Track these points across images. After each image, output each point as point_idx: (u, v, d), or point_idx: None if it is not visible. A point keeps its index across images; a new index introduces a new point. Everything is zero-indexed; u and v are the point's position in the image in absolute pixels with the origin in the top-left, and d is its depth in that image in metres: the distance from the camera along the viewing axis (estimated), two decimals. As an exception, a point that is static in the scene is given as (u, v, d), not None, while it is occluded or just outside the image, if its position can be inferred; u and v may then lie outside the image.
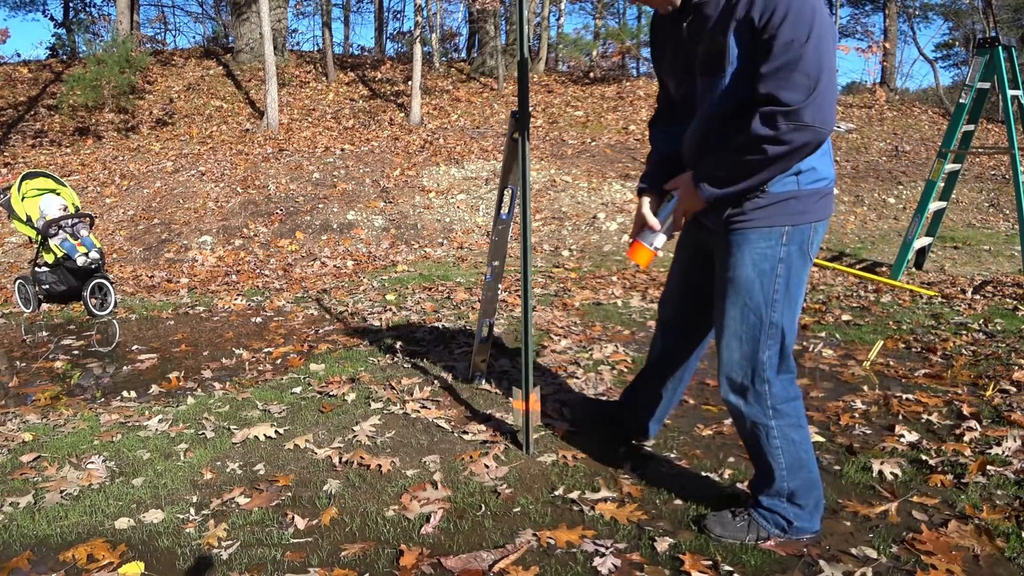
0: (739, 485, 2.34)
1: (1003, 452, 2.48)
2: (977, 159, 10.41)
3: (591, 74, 15.89)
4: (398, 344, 4.04)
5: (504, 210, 2.91)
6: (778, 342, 1.91)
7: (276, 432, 2.82)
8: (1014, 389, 3.13)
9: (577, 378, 3.40)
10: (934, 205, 6.03)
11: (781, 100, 1.65)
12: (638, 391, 2.58)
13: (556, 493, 2.30)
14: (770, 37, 1.65)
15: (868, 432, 2.74)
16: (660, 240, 2.00)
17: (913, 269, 6.23)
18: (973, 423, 2.74)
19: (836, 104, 1.73)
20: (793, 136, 1.66)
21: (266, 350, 4.20)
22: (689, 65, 1.89)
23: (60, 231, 5.38)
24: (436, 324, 4.52)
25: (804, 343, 3.95)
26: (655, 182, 2.08)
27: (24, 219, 5.35)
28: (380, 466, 2.49)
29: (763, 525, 2.01)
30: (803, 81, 1.64)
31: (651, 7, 1.96)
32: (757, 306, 1.89)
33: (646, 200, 2.06)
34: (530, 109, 8.15)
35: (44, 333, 4.88)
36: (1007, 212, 8.52)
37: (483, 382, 3.30)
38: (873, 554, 1.94)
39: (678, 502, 2.24)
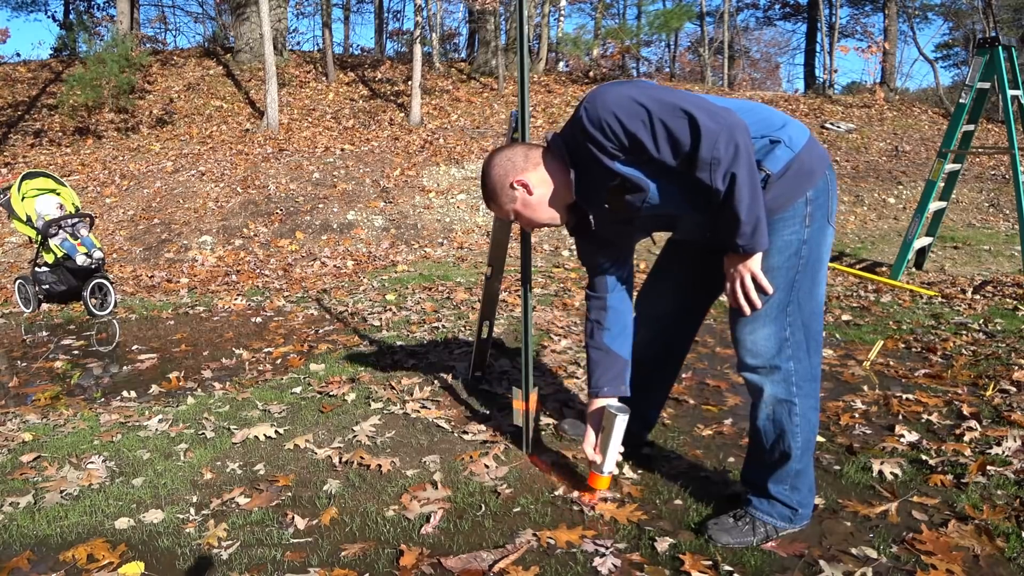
0: (739, 485, 2.34)
1: (1003, 452, 2.48)
2: (977, 159, 10.41)
3: (591, 74, 15.90)
4: (398, 344, 4.04)
5: (504, 210, 2.91)
6: (798, 316, 1.93)
7: (276, 432, 2.82)
8: (1014, 389, 3.13)
9: (577, 378, 3.40)
10: (934, 205, 6.03)
11: (687, 147, 1.75)
12: (636, 390, 2.58)
13: (556, 493, 2.30)
14: (631, 137, 1.77)
15: (868, 432, 2.74)
16: (609, 466, 2.15)
17: (913, 269, 6.23)
18: (973, 423, 2.74)
19: (711, 101, 1.80)
20: (721, 150, 1.72)
21: (266, 350, 4.20)
22: (626, 220, 2.00)
23: (60, 231, 5.38)
24: (436, 324, 4.52)
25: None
26: (606, 389, 2.17)
27: (24, 219, 5.35)
28: (380, 466, 2.49)
29: (767, 520, 2.01)
30: (680, 123, 1.73)
31: (551, 226, 2.11)
32: (781, 290, 1.91)
33: (588, 438, 2.18)
34: (530, 109, 8.14)
35: (44, 333, 4.88)
36: (1007, 212, 8.52)
37: (483, 382, 3.30)
38: (873, 554, 1.94)
39: (678, 502, 2.24)
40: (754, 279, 1.87)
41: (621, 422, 2.09)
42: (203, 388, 3.55)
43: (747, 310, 1.91)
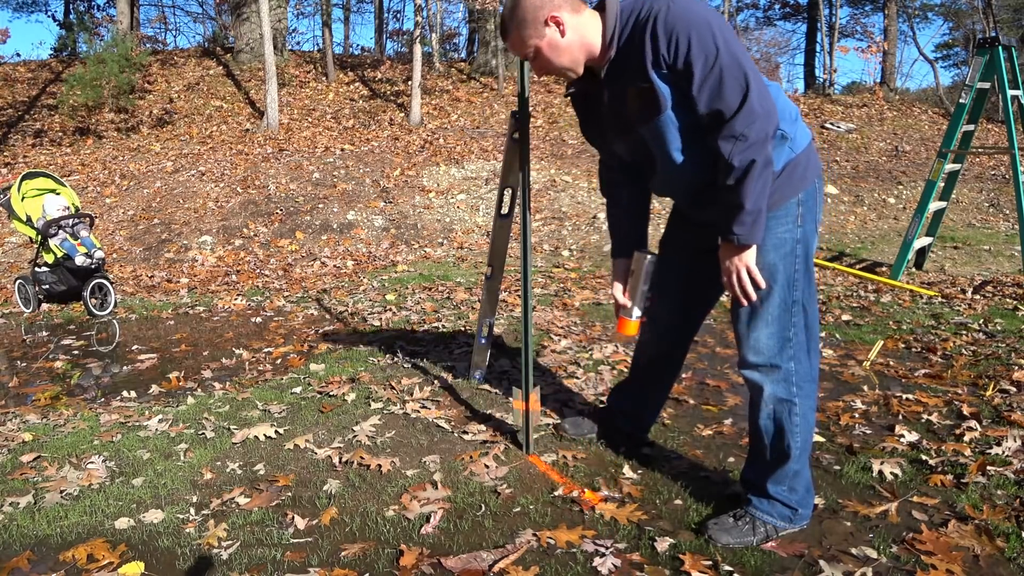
0: (739, 485, 2.34)
1: (1003, 452, 2.48)
2: (977, 159, 10.41)
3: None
4: (398, 344, 4.04)
5: (504, 210, 2.91)
6: (802, 318, 1.94)
7: (276, 432, 2.82)
8: (1014, 389, 3.13)
9: (577, 378, 3.40)
10: (934, 205, 6.03)
11: (725, 109, 1.73)
12: (633, 392, 2.58)
13: (556, 493, 2.30)
14: (687, 65, 1.74)
15: (868, 432, 2.74)
16: (638, 311, 2.20)
17: (913, 269, 6.23)
18: (973, 423, 2.74)
19: (765, 83, 1.80)
20: (753, 131, 1.72)
21: (266, 350, 4.20)
22: (625, 122, 1.95)
23: (60, 231, 5.38)
24: (436, 324, 4.52)
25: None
26: (625, 248, 2.22)
27: (24, 219, 5.35)
28: (380, 466, 2.49)
29: (767, 520, 2.02)
30: (735, 85, 1.72)
31: (562, 76, 2.01)
32: (781, 288, 1.92)
33: (617, 283, 2.22)
34: (530, 109, 8.14)
35: (44, 333, 4.88)
36: (1007, 212, 8.52)
37: (483, 382, 3.30)
38: (873, 554, 1.94)
39: (678, 502, 2.24)
40: (748, 273, 1.87)
41: (650, 265, 2.15)
42: (203, 388, 3.55)
43: (744, 302, 1.92)
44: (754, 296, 1.90)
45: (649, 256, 2.15)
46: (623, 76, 1.87)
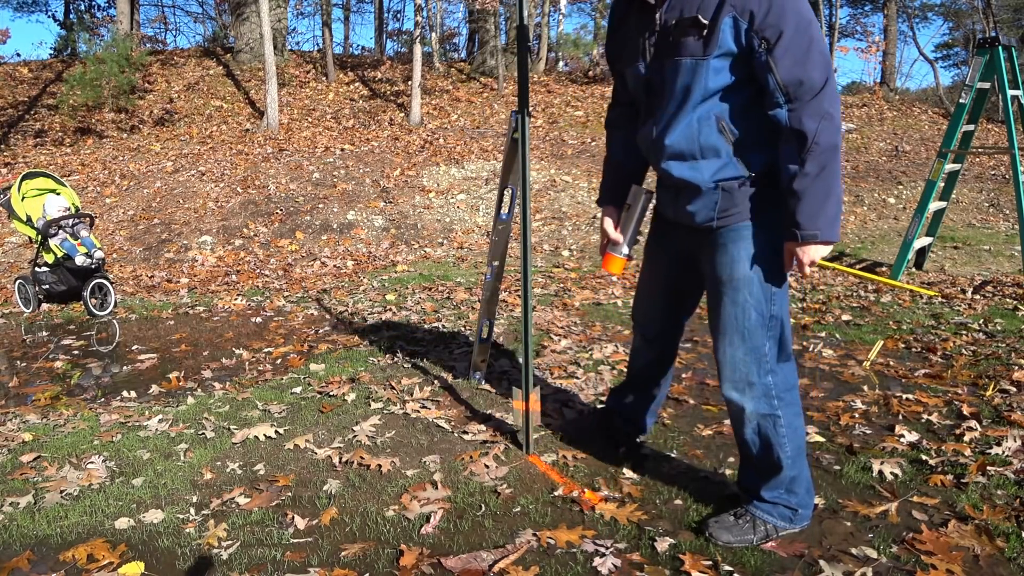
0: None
1: (1003, 452, 2.48)
2: (977, 159, 10.40)
3: (591, 74, 15.89)
4: (398, 344, 4.04)
5: (504, 210, 2.91)
6: (778, 333, 1.93)
7: (276, 432, 2.82)
8: (1014, 389, 3.13)
9: (577, 378, 3.40)
10: (934, 205, 6.02)
11: (808, 81, 1.69)
12: (629, 394, 2.58)
13: (556, 493, 2.30)
14: (776, 26, 1.68)
15: (868, 432, 2.74)
16: (627, 248, 2.17)
17: (913, 269, 6.23)
18: (973, 423, 2.74)
19: None
20: (837, 113, 1.70)
21: (266, 350, 4.20)
22: (660, 49, 1.84)
23: (60, 231, 5.38)
24: (436, 324, 4.52)
25: (804, 343, 3.95)
26: (615, 197, 2.19)
27: (24, 219, 5.35)
28: (380, 466, 2.49)
29: (768, 520, 2.01)
30: (820, 59, 1.70)
31: None
32: (758, 301, 1.89)
33: (608, 219, 2.18)
34: (530, 109, 8.13)
35: (44, 333, 4.87)
36: (1007, 212, 8.51)
37: (483, 382, 3.30)
38: (873, 554, 1.94)
39: (678, 502, 2.24)
40: (813, 263, 1.81)
41: (647, 200, 2.12)
42: (203, 388, 3.55)
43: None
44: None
45: (647, 192, 2.12)
46: (691, 3, 1.77)
